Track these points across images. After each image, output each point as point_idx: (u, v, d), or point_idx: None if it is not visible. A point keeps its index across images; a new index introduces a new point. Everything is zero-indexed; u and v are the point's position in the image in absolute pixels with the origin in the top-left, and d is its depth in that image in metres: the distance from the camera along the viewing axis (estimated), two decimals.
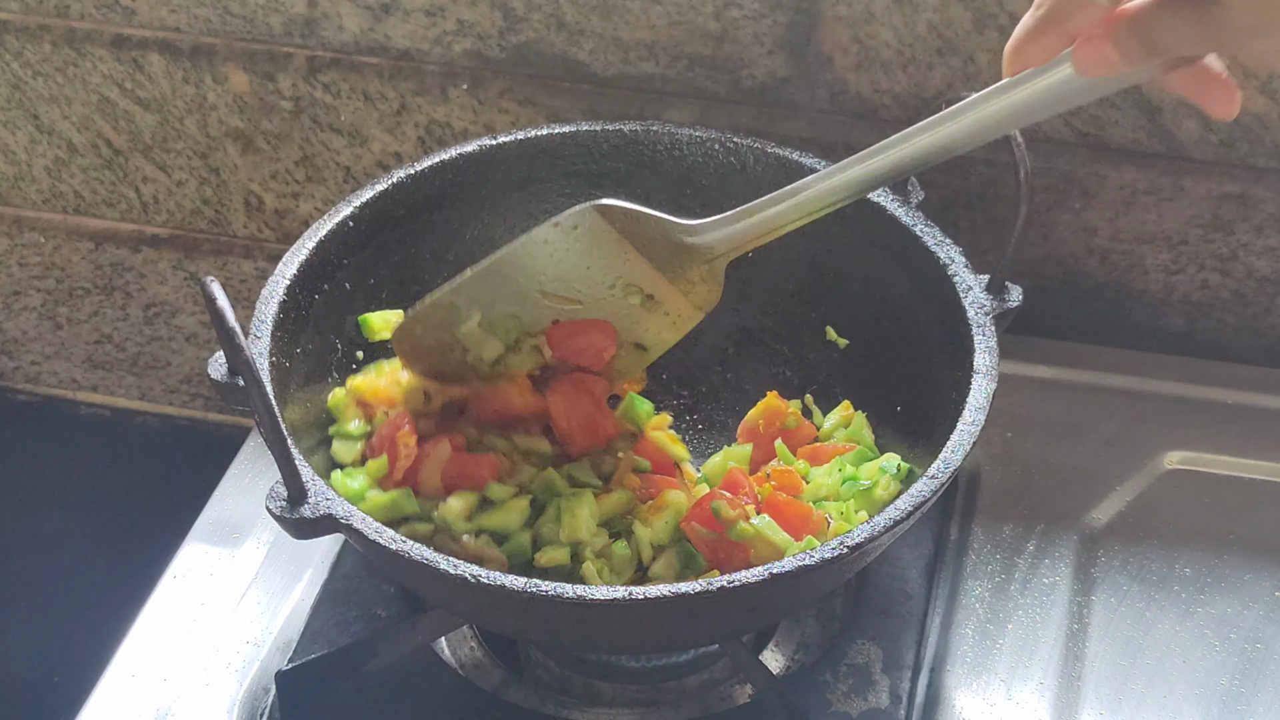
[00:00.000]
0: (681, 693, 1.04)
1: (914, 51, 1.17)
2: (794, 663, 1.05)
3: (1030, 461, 1.15)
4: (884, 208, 1.05)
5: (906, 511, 0.87)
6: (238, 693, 1.02)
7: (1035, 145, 1.18)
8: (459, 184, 1.09)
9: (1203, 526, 1.10)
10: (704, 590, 0.83)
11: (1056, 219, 1.23)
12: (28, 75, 1.33)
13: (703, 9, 1.18)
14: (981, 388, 0.93)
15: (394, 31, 1.24)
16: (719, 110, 1.22)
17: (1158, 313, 1.27)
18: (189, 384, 1.55)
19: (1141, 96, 1.16)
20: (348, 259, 1.04)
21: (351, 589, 1.06)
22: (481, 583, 0.83)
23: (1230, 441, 1.16)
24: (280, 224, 1.39)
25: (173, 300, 1.47)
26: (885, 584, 1.05)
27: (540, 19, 1.20)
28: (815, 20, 1.16)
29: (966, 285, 0.99)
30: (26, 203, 1.43)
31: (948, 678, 1.01)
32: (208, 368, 0.91)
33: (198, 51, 1.29)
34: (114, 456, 1.59)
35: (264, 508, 0.86)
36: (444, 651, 1.06)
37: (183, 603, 1.08)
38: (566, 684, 1.04)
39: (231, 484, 1.17)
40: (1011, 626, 1.04)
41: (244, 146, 1.34)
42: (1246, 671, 1.01)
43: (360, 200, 1.05)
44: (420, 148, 1.30)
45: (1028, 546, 1.09)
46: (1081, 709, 0.99)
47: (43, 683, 1.46)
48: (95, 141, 1.37)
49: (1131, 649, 1.03)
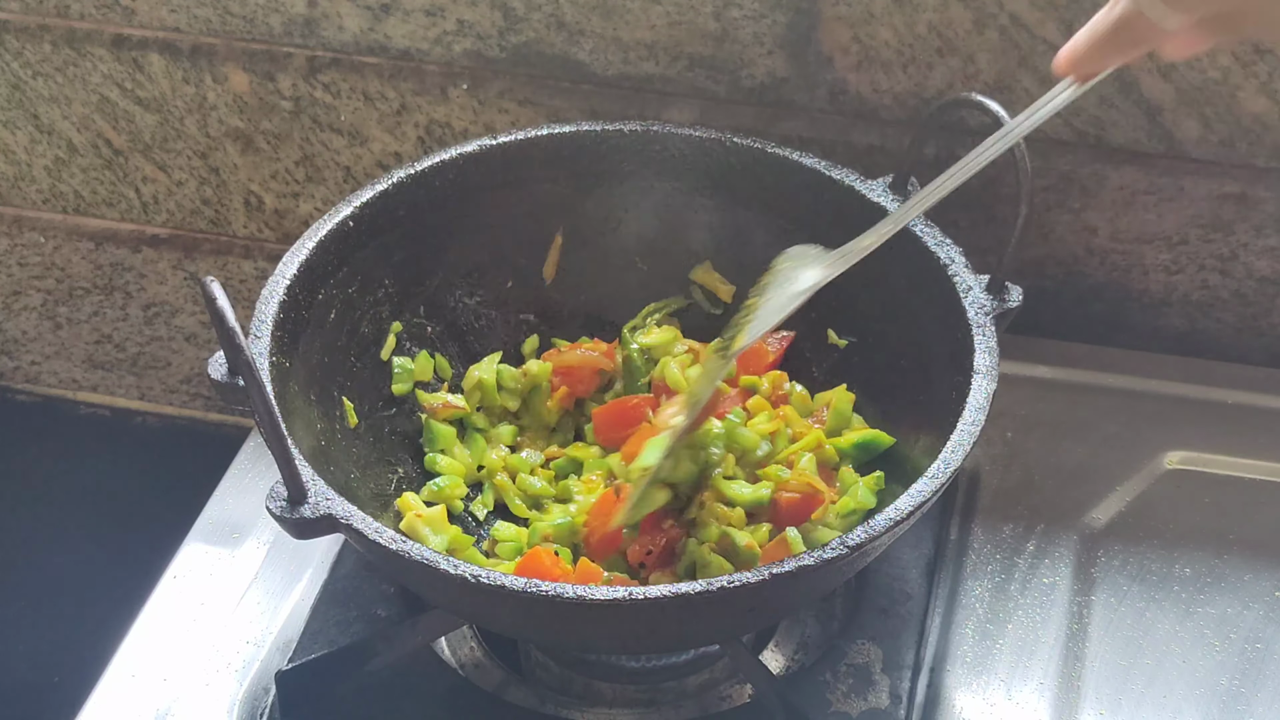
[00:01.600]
0: (681, 693, 1.04)
1: (914, 51, 1.17)
2: (794, 663, 1.05)
3: (1030, 461, 1.15)
4: (884, 208, 1.05)
5: (906, 511, 0.87)
6: (238, 693, 1.02)
7: (1035, 145, 1.18)
8: (459, 184, 1.09)
9: (1203, 526, 1.10)
10: (704, 590, 0.83)
11: (1056, 219, 1.23)
12: (28, 75, 1.33)
13: (703, 9, 1.18)
14: (981, 388, 0.93)
15: (394, 31, 1.24)
16: (719, 110, 1.22)
17: (1158, 313, 1.27)
18: (189, 384, 1.55)
19: (1141, 96, 1.16)
20: (348, 259, 1.04)
21: (351, 589, 1.06)
22: (481, 583, 0.83)
23: (1230, 441, 1.16)
24: (280, 224, 1.39)
25: (173, 300, 1.47)
26: (885, 584, 1.05)
27: (540, 19, 1.20)
28: (815, 20, 1.16)
29: (966, 285, 0.99)
30: (26, 203, 1.43)
31: (948, 678, 1.01)
32: (208, 368, 0.91)
33: (198, 51, 1.29)
34: (114, 456, 1.59)
35: (264, 508, 0.86)
36: (444, 651, 1.06)
37: (183, 603, 1.08)
38: (566, 684, 1.04)
39: (231, 484, 1.17)
40: (1011, 626, 1.04)
41: (244, 146, 1.34)
42: (1246, 671, 1.01)
43: (360, 200, 1.05)
44: (420, 148, 1.30)
45: (1028, 546, 1.09)
46: (1081, 709, 0.99)
47: (43, 683, 1.46)
48: (95, 141, 1.37)
49: (1131, 649, 1.03)
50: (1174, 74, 1.14)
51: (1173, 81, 1.14)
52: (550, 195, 1.12)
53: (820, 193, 1.08)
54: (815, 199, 1.08)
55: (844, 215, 1.07)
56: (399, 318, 1.09)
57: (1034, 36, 1.14)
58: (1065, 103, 0.86)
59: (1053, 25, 1.13)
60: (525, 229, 1.13)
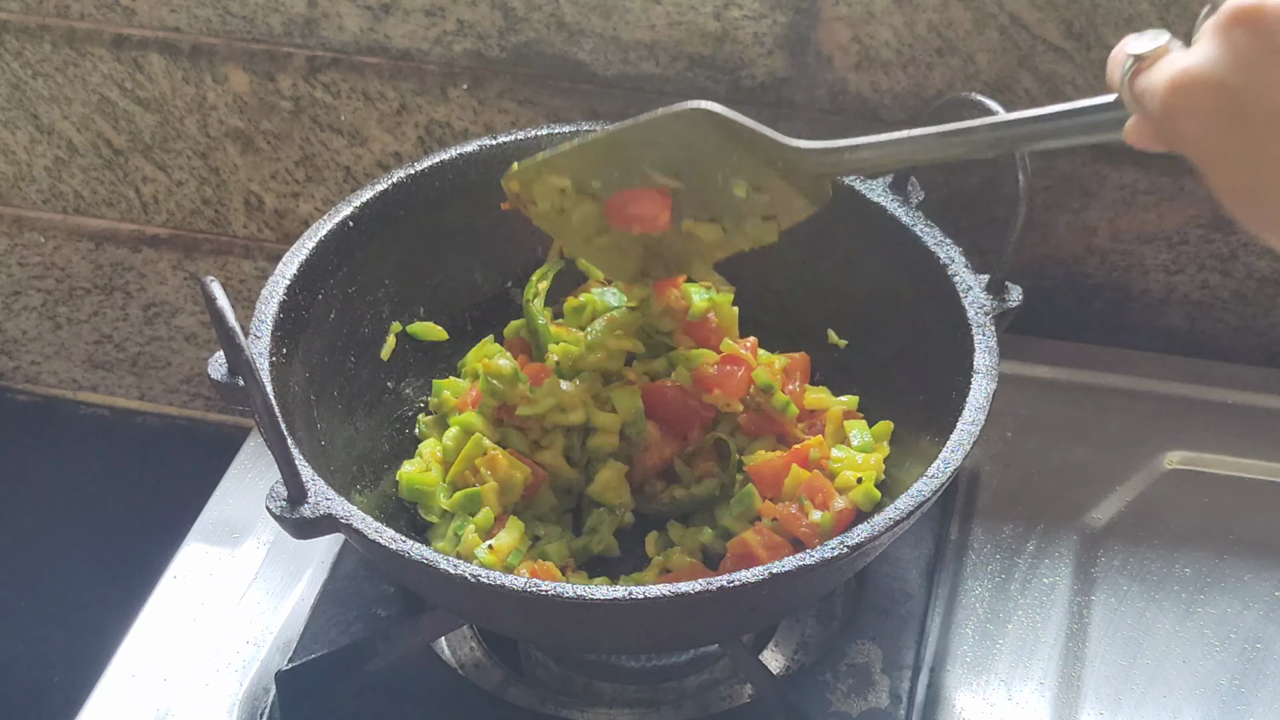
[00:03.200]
0: (681, 693, 1.04)
1: (914, 51, 1.17)
2: (794, 663, 1.05)
3: (1030, 461, 1.15)
4: (884, 208, 1.05)
5: (906, 511, 0.87)
6: (238, 693, 1.02)
7: None
8: (459, 184, 1.09)
9: (1203, 526, 1.10)
10: (704, 590, 0.83)
11: (1056, 219, 1.23)
12: (28, 75, 1.33)
13: (703, 9, 1.18)
14: (981, 388, 0.93)
15: (394, 31, 1.24)
16: None
17: (1158, 313, 1.26)
18: (189, 384, 1.55)
19: None
20: (348, 259, 1.04)
21: (351, 589, 1.06)
22: (481, 583, 0.83)
23: (1230, 441, 1.16)
24: (280, 224, 1.39)
25: (173, 300, 1.47)
26: (885, 584, 1.05)
27: (540, 19, 1.21)
28: (815, 20, 1.16)
29: (966, 285, 0.99)
30: (26, 203, 1.43)
31: (948, 678, 1.01)
32: (208, 368, 0.91)
33: (198, 51, 1.29)
34: (114, 456, 1.59)
35: (264, 508, 0.86)
36: (444, 651, 1.06)
37: (183, 603, 1.08)
38: (566, 684, 1.04)
39: (231, 484, 1.17)
40: (1011, 626, 1.04)
41: (244, 146, 1.34)
42: (1246, 671, 1.01)
43: (360, 200, 1.05)
44: (420, 148, 1.30)
45: (1028, 546, 1.09)
46: (1081, 709, 0.99)
47: (43, 683, 1.46)
48: (95, 141, 1.37)
49: (1131, 649, 1.03)
50: None
51: None
52: None
53: None
54: None
55: (843, 215, 1.07)
56: (399, 318, 1.09)
57: (1034, 36, 1.14)
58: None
59: (1053, 25, 1.13)
60: (525, 229, 1.13)
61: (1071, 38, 1.14)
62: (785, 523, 0.98)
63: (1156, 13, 1.11)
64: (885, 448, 1.04)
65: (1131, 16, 1.12)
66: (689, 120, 0.96)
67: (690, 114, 0.96)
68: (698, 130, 0.97)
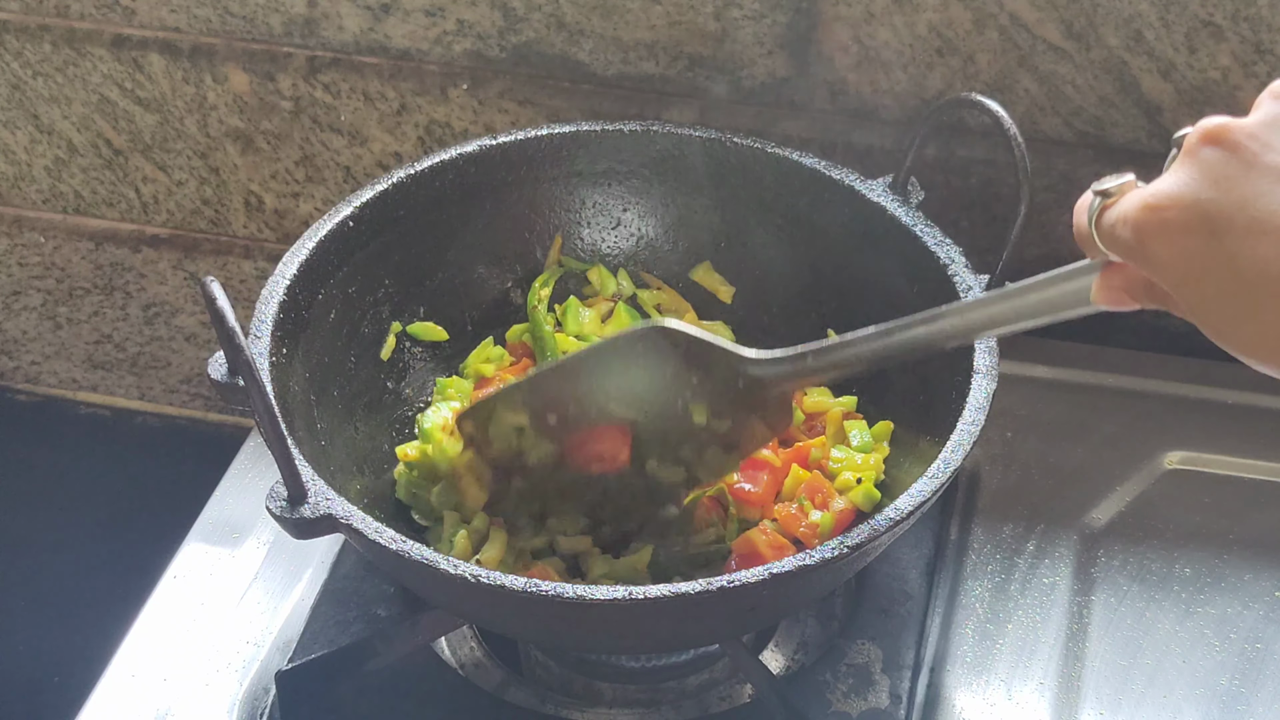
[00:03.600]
0: (681, 693, 1.04)
1: (914, 51, 1.17)
2: (794, 663, 1.05)
3: (1030, 461, 1.15)
4: (884, 208, 1.05)
5: (906, 512, 0.87)
6: (238, 693, 1.02)
7: (1035, 145, 1.18)
8: (459, 184, 1.09)
9: (1203, 526, 1.10)
10: (704, 590, 0.83)
11: (1056, 219, 1.23)
12: (28, 75, 1.33)
13: (703, 9, 1.18)
14: (981, 388, 0.93)
15: (394, 31, 1.24)
16: (719, 110, 1.22)
17: (1158, 312, 1.26)
18: (189, 384, 1.55)
19: (1141, 96, 1.16)
20: (348, 259, 1.04)
21: (351, 589, 1.06)
22: (481, 583, 0.83)
23: (1230, 441, 1.16)
24: (280, 224, 1.39)
25: (173, 300, 1.47)
26: (885, 584, 1.05)
27: (540, 19, 1.21)
28: (815, 20, 1.16)
29: (966, 285, 0.99)
30: (26, 203, 1.43)
31: (948, 678, 1.01)
32: (208, 368, 0.91)
33: (198, 51, 1.29)
34: (114, 456, 1.59)
35: (264, 508, 0.86)
36: (444, 651, 1.06)
37: (183, 603, 1.08)
38: (566, 684, 1.04)
39: (231, 484, 1.17)
40: (1011, 626, 1.04)
41: (244, 146, 1.34)
42: (1246, 671, 1.01)
43: (360, 200, 1.05)
44: (420, 148, 1.30)
45: (1028, 546, 1.09)
46: (1081, 709, 0.99)
47: (43, 683, 1.46)
48: (95, 141, 1.37)
49: (1131, 649, 1.03)
50: (1174, 74, 1.14)
51: (1172, 81, 1.14)
52: (550, 195, 1.12)
53: (820, 193, 1.08)
54: (815, 199, 1.08)
55: (844, 215, 1.07)
56: (399, 318, 1.09)
57: (1034, 36, 1.14)
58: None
59: (1053, 25, 1.14)
60: (525, 229, 1.13)
61: (1071, 38, 1.14)
62: (785, 523, 0.98)
63: (1157, 13, 1.11)
64: (885, 448, 1.04)
65: (1131, 16, 1.12)
66: (649, 341, 0.94)
67: (649, 333, 0.94)
68: (657, 352, 0.95)
